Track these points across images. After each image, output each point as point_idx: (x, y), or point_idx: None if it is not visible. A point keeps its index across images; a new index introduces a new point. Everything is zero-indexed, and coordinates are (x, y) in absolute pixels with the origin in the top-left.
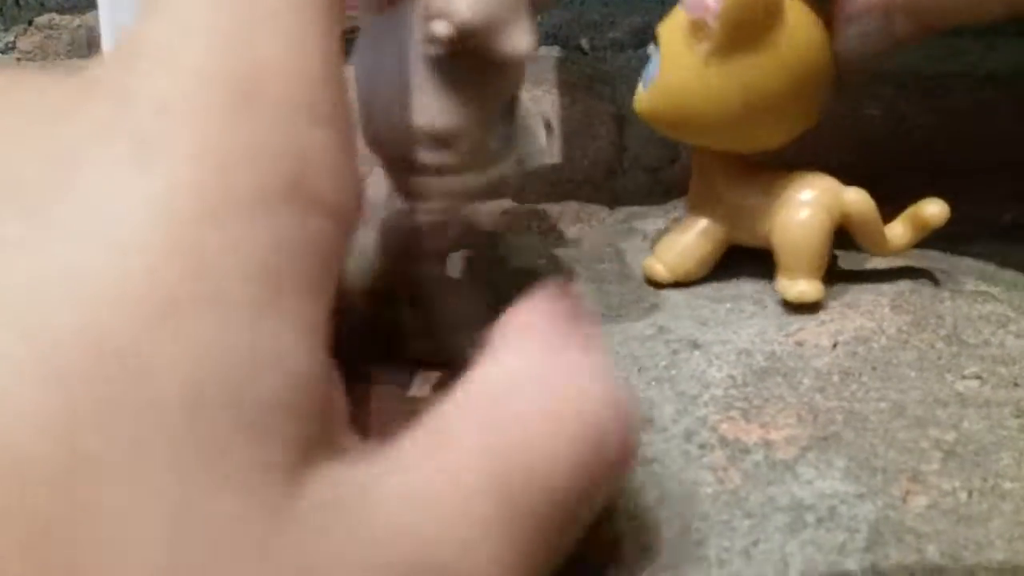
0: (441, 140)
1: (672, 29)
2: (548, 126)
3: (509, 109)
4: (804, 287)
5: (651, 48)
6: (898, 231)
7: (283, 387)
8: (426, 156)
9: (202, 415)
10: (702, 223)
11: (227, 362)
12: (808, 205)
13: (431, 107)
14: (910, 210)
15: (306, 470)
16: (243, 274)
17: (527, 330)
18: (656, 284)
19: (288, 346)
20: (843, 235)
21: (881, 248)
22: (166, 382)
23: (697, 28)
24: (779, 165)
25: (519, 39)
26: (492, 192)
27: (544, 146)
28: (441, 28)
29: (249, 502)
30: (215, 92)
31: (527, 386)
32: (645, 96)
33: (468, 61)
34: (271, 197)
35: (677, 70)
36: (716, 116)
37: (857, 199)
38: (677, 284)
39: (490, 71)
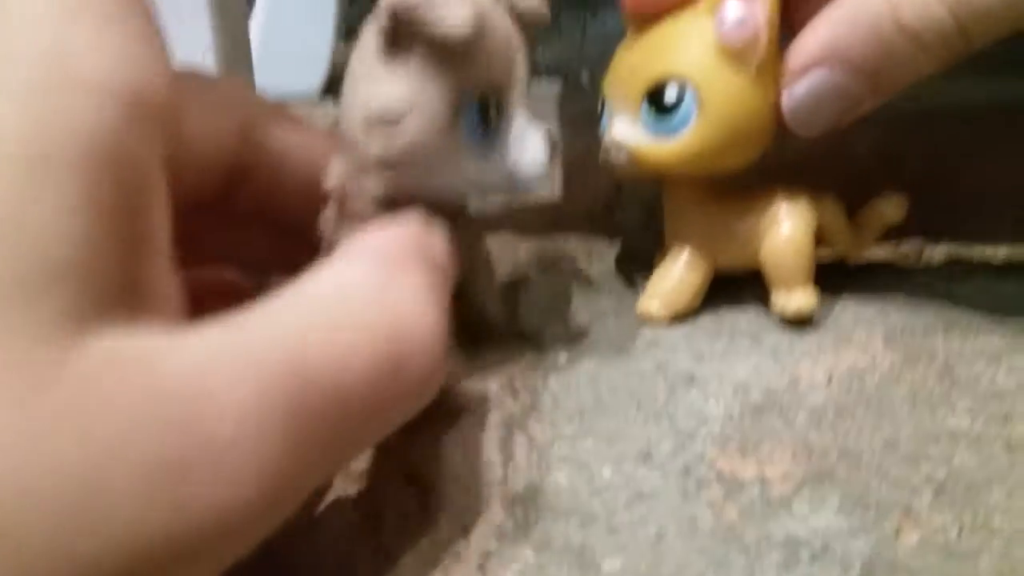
0: (387, 121)
1: (702, 67)
2: (551, 139)
3: (485, 107)
4: (801, 299)
5: (644, 107)
6: (862, 232)
7: (51, 255)
8: (374, 142)
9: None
10: (684, 257)
11: (13, 221)
12: (788, 219)
13: (376, 93)
14: (866, 210)
15: (82, 331)
16: (7, 153)
17: (372, 248)
18: (650, 320)
19: (58, 218)
20: (834, 278)
21: (853, 249)
22: None
23: (743, 51)
24: (746, 187)
25: (456, 17)
26: (480, 197)
27: (537, 161)
28: (382, 17)
29: (13, 356)
30: None
31: (349, 297)
32: (679, 144)
33: (420, 48)
34: (32, 82)
35: (726, 100)
36: (759, 132)
37: (831, 206)
38: (673, 320)
39: (442, 58)
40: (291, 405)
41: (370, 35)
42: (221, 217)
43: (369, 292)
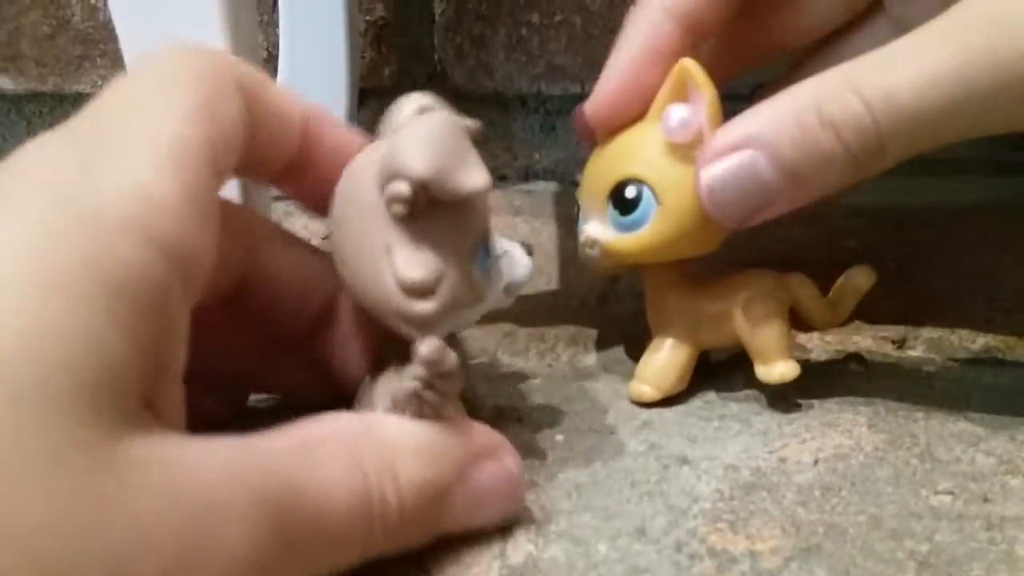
0: (424, 291)
1: (655, 167)
2: (528, 249)
3: (485, 242)
4: (782, 368)
5: (609, 208)
6: (837, 305)
7: (103, 367)
8: (414, 309)
9: (33, 372)
10: (669, 340)
11: (58, 338)
12: (763, 298)
13: (409, 262)
14: (840, 283)
15: (120, 432)
16: (81, 276)
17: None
18: (645, 404)
19: (113, 343)
20: (819, 366)
21: (828, 322)
22: (5, 344)
23: (690, 145)
24: (719, 271)
25: (475, 176)
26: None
27: (528, 267)
28: (401, 188)
29: (75, 438)
30: (76, 136)
31: (333, 440)
32: (643, 236)
33: (433, 209)
34: (104, 224)
35: (680, 194)
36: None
37: (800, 282)
38: (664, 401)
39: (456, 213)
40: (278, 521)
41: (368, 194)
42: (217, 324)
43: (362, 453)
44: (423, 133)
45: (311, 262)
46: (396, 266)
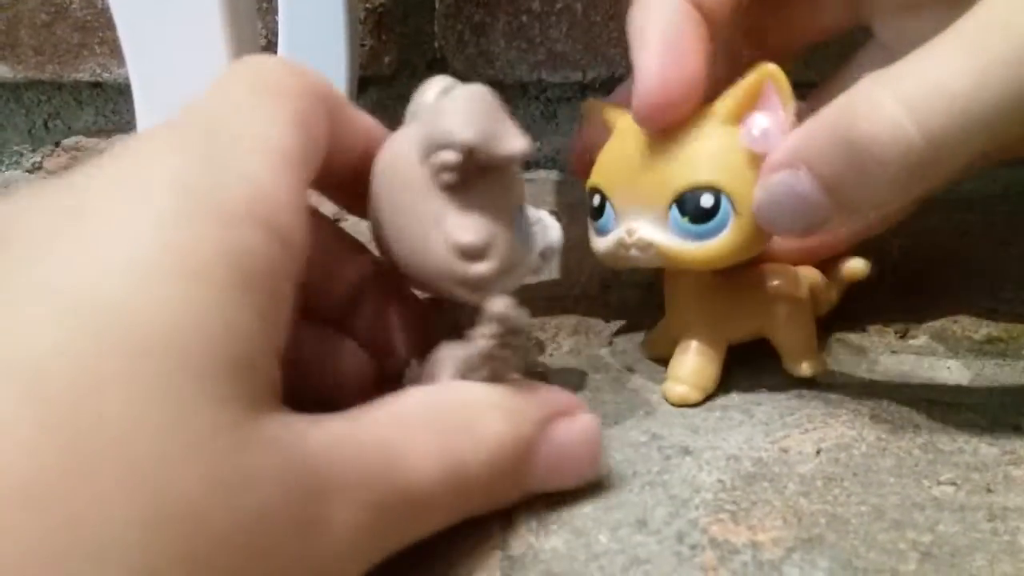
0: (478, 253)
1: (733, 175)
2: (556, 217)
3: (522, 209)
4: (814, 364)
5: (674, 213)
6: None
7: (240, 350)
8: (469, 271)
9: (180, 353)
10: (699, 339)
11: (202, 319)
12: (790, 294)
13: (461, 227)
14: (837, 271)
15: (256, 413)
16: (216, 262)
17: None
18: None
19: (247, 323)
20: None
21: (825, 309)
22: (151, 328)
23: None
24: (738, 267)
25: (516, 140)
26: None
27: (560, 232)
28: (449, 156)
29: (220, 418)
30: (184, 131)
31: (421, 412)
32: (718, 245)
33: (479, 175)
34: (234, 215)
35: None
36: None
37: (812, 274)
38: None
39: (498, 179)
40: (377, 495)
41: (411, 169)
42: None
43: (453, 422)
44: (463, 103)
45: (338, 239)
46: (449, 232)
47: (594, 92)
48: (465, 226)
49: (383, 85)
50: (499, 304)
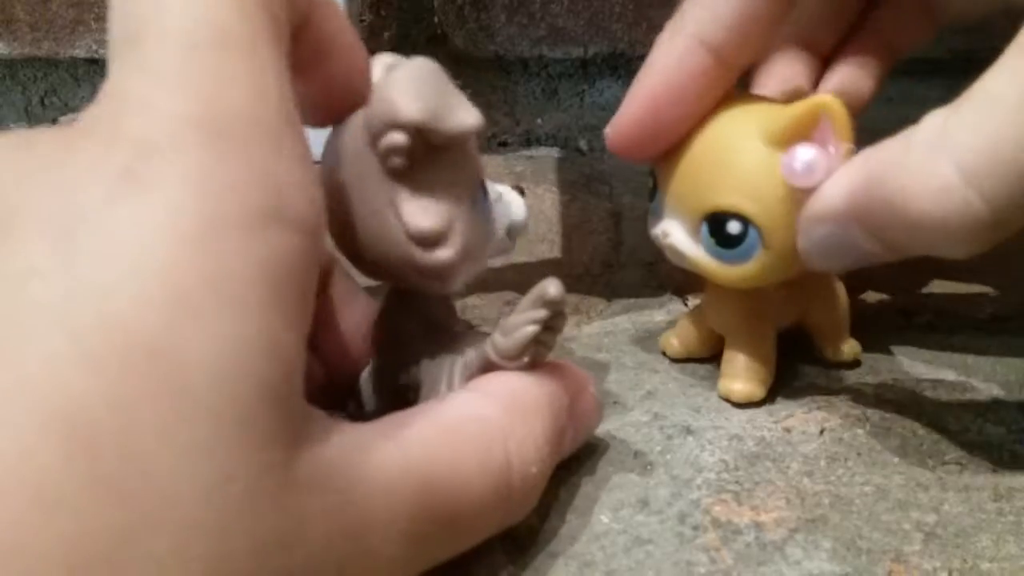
0: (437, 239)
1: (765, 206)
2: (520, 190)
3: (482, 187)
4: (853, 347)
5: (705, 231)
6: None
7: (282, 374)
8: (429, 259)
9: (226, 394)
10: (747, 334)
11: (244, 352)
12: (827, 283)
13: (416, 212)
14: None
15: (299, 442)
16: (249, 280)
17: (507, 391)
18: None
19: (286, 341)
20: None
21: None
22: (194, 370)
23: (807, 191)
24: None
25: (467, 115)
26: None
27: (524, 209)
28: (396, 138)
29: (268, 460)
30: (192, 132)
31: (475, 434)
32: (742, 271)
33: (431, 154)
34: (256, 218)
35: (789, 235)
36: None
37: None
38: (669, 371)
39: (452, 157)
40: (420, 517)
41: (360, 155)
42: None
43: (494, 430)
44: (406, 81)
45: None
46: (404, 219)
47: (596, 68)
48: (420, 212)
49: None
50: (553, 288)
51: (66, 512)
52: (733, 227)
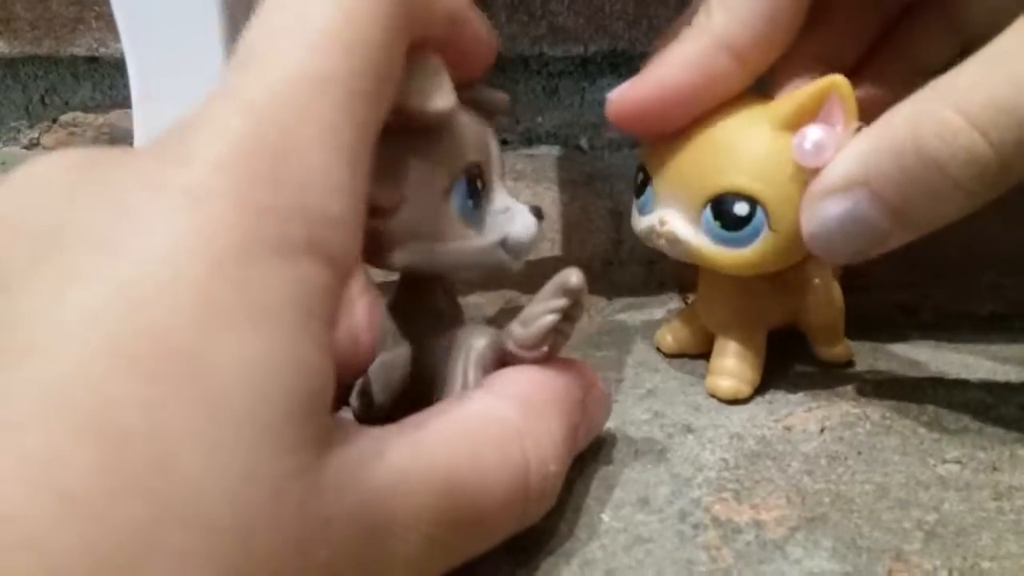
0: (378, 210)
1: (773, 185)
2: (538, 213)
3: (472, 186)
4: (844, 349)
5: (708, 215)
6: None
7: (310, 389)
8: (370, 225)
9: (257, 401)
10: (739, 333)
11: (275, 365)
12: (823, 284)
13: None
14: None
15: (324, 450)
16: (282, 301)
17: (523, 390)
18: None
19: (314, 360)
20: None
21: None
22: (226, 377)
23: (815, 171)
24: None
25: (437, 99)
26: (482, 270)
27: (530, 228)
28: None
29: (294, 465)
30: (252, 160)
31: (494, 435)
32: (748, 254)
33: (400, 134)
34: (293, 247)
35: (796, 216)
36: None
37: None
38: (669, 370)
39: (425, 141)
40: (440, 519)
41: None
42: None
43: (511, 431)
44: None
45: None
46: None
47: (596, 67)
48: (374, 181)
49: None
50: (575, 277)
51: (92, 509)
52: (740, 208)
